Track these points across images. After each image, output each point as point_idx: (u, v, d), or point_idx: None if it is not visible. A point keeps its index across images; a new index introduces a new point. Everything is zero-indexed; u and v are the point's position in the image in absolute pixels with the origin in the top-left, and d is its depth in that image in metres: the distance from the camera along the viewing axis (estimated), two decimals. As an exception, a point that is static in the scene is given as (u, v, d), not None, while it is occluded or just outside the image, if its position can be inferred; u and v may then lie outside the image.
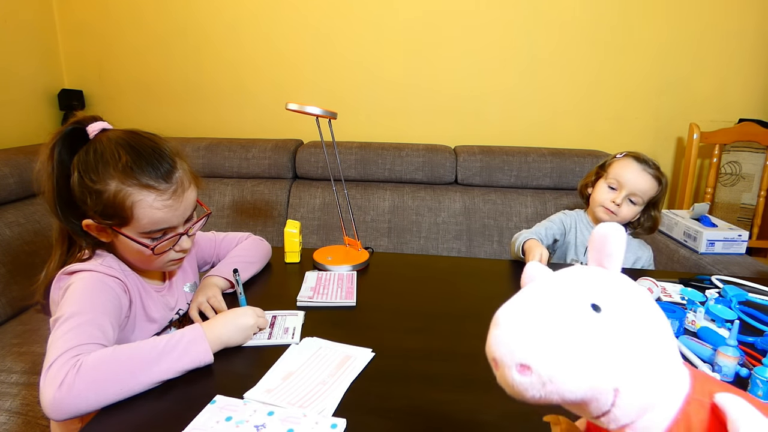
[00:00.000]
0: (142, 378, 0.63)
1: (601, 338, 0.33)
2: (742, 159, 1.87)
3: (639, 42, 1.88)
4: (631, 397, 0.34)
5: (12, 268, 1.38)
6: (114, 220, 0.72)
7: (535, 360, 0.32)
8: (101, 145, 0.72)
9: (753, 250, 1.88)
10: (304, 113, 1.06)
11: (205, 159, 1.88)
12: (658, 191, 1.22)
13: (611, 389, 0.33)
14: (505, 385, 0.34)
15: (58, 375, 0.59)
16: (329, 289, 0.95)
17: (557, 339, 0.33)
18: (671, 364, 0.36)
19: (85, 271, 0.72)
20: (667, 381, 0.35)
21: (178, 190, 0.74)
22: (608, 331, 0.33)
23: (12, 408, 1.03)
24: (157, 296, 0.84)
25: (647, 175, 1.20)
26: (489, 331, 0.36)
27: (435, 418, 0.60)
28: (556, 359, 0.32)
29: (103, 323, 0.68)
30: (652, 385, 0.34)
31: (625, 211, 1.21)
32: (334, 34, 1.99)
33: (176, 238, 0.78)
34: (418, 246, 1.79)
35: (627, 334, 0.34)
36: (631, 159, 1.23)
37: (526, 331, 0.33)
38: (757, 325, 0.86)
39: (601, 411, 0.34)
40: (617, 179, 1.21)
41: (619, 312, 0.34)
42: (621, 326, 0.34)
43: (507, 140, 1.98)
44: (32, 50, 1.98)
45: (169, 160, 0.75)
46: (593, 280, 0.36)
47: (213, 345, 0.70)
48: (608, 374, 0.33)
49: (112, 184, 0.70)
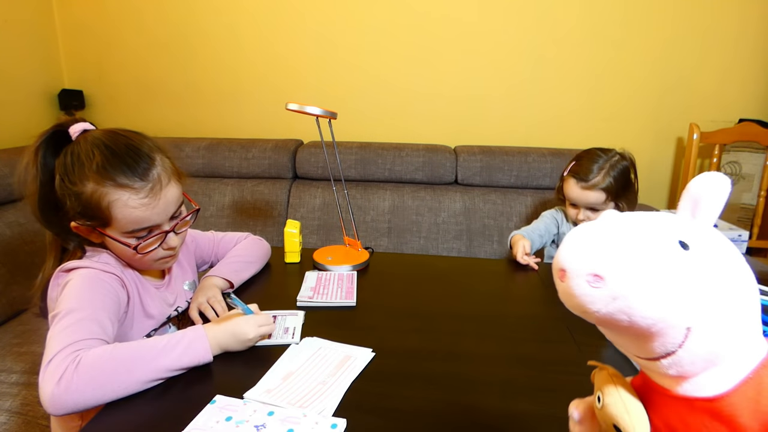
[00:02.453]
0: (141, 376, 0.63)
1: (684, 271, 0.31)
2: (742, 159, 1.87)
3: (639, 42, 1.88)
4: (702, 342, 0.32)
5: (12, 268, 1.38)
6: (95, 221, 0.72)
7: (611, 271, 0.31)
8: (78, 147, 0.72)
9: (753, 250, 1.88)
10: (304, 113, 1.06)
11: (205, 159, 1.88)
12: (608, 195, 1.23)
13: (684, 326, 0.31)
14: (570, 295, 0.33)
15: (57, 370, 0.59)
16: (329, 289, 0.95)
17: (637, 257, 0.31)
18: (750, 324, 0.33)
19: (83, 268, 0.72)
20: (743, 338, 0.33)
21: (156, 188, 0.73)
22: (692, 267, 0.31)
23: (12, 408, 1.03)
24: (156, 292, 0.84)
25: (588, 192, 1.23)
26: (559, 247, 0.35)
27: (435, 418, 0.60)
28: (632, 276, 0.30)
29: (102, 319, 0.68)
30: (726, 335, 0.32)
31: (593, 218, 1.23)
32: (334, 35, 1.99)
33: (162, 236, 0.76)
34: (418, 246, 1.79)
35: (712, 276, 0.32)
36: (571, 179, 1.26)
37: (605, 243, 0.32)
38: (757, 325, 0.86)
39: (667, 350, 0.32)
40: (570, 199, 1.28)
41: (707, 253, 0.32)
42: (707, 267, 0.32)
43: (507, 140, 1.98)
44: (32, 50, 1.98)
45: (146, 158, 0.73)
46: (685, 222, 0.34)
47: (214, 348, 0.70)
48: (684, 310, 0.31)
49: (88, 185, 0.70)
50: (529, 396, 0.64)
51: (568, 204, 1.30)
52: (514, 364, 0.72)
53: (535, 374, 0.69)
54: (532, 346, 0.78)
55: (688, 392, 0.34)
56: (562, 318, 0.86)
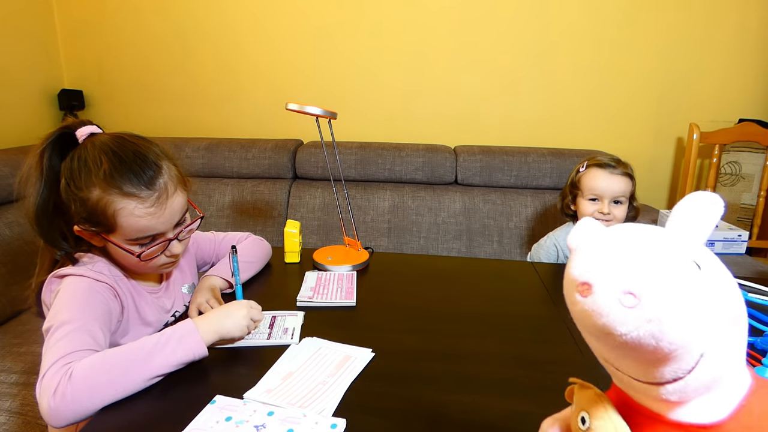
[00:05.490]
0: (135, 376, 0.62)
1: (704, 294, 0.29)
2: (742, 159, 1.87)
3: (639, 42, 1.88)
4: (710, 368, 0.30)
5: (12, 268, 1.38)
6: (100, 227, 0.72)
7: (647, 291, 0.28)
8: (85, 152, 0.71)
9: (753, 250, 1.88)
10: (304, 113, 1.06)
11: (205, 159, 1.88)
12: (633, 185, 1.25)
13: (698, 352, 0.29)
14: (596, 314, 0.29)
15: (51, 384, 0.59)
16: (329, 289, 0.95)
17: (671, 277, 0.28)
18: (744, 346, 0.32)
19: (75, 276, 0.72)
20: (740, 363, 0.32)
21: (162, 197, 0.72)
22: (709, 289, 0.29)
23: (12, 408, 1.03)
24: (151, 299, 0.84)
25: (617, 177, 1.23)
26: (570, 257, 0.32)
27: (435, 418, 0.60)
28: (669, 298, 0.28)
29: (94, 329, 0.68)
30: (729, 361, 0.31)
31: (617, 212, 1.23)
32: (335, 34, 1.99)
33: (166, 244, 0.76)
34: (418, 246, 1.79)
35: (722, 298, 0.30)
36: (595, 168, 1.25)
37: (637, 258, 0.29)
38: (757, 325, 0.86)
39: (676, 376, 0.30)
40: (593, 192, 1.24)
41: (716, 274, 0.30)
42: (719, 288, 0.30)
43: (507, 140, 1.98)
44: (32, 50, 1.98)
45: (153, 166, 0.73)
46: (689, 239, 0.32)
47: (207, 336, 0.69)
48: (702, 335, 0.29)
49: (95, 191, 0.70)
50: (529, 396, 0.64)
51: (584, 201, 1.26)
52: (514, 364, 0.72)
53: (535, 374, 0.69)
54: (532, 346, 0.78)
55: (681, 418, 0.33)
56: (562, 318, 0.86)
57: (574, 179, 1.31)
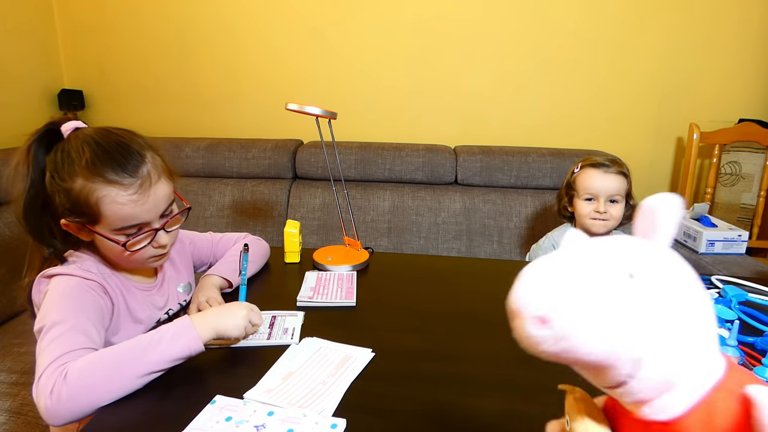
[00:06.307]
0: (131, 373, 0.62)
1: (629, 303, 0.31)
2: (742, 159, 1.87)
3: (640, 43, 1.88)
4: (654, 372, 0.32)
5: (12, 268, 1.38)
6: (84, 218, 0.72)
7: (555, 314, 0.31)
8: (69, 144, 0.72)
9: (753, 250, 1.88)
10: (304, 113, 1.06)
11: (205, 159, 1.88)
12: (629, 183, 1.26)
13: (632, 359, 0.31)
14: (520, 337, 0.33)
15: (47, 385, 0.59)
16: (329, 289, 0.95)
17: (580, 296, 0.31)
18: (704, 346, 0.34)
19: (63, 275, 0.72)
20: (696, 362, 0.33)
21: (145, 184, 0.72)
22: (638, 298, 0.31)
23: (12, 408, 1.03)
24: (142, 296, 0.83)
25: (611, 175, 1.24)
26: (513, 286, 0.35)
27: (435, 418, 0.60)
28: (574, 316, 0.31)
29: (87, 327, 0.67)
30: (678, 363, 0.32)
31: (613, 211, 1.24)
32: (334, 35, 1.99)
33: (152, 234, 0.76)
34: (418, 246, 1.79)
35: (659, 304, 0.32)
36: (590, 168, 1.26)
37: (548, 283, 0.32)
38: (756, 325, 0.86)
39: (618, 381, 0.33)
40: (588, 192, 1.25)
41: (653, 281, 0.32)
42: (653, 295, 0.32)
43: (507, 141, 1.98)
44: (32, 50, 1.98)
45: (136, 155, 0.73)
46: (632, 247, 0.34)
47: (203, 332, 0.68)
48: (631, 342, 0.31)
49: (78, 181, 0.70)
50: (529, 396, 0.64)
51: (580, 202, 1.27)
52: (514, 364, 0.72)
53: (535, 374, 0.69)
54: (532, 346, 0.78)
55: (646, 415, 0.35)
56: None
57: (569, 180, 1.32)
